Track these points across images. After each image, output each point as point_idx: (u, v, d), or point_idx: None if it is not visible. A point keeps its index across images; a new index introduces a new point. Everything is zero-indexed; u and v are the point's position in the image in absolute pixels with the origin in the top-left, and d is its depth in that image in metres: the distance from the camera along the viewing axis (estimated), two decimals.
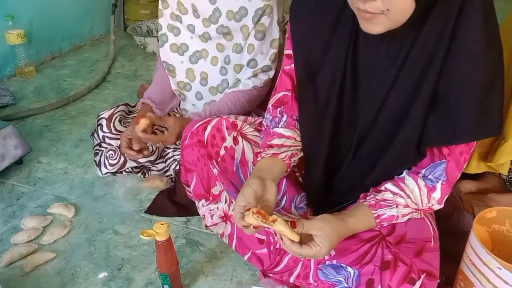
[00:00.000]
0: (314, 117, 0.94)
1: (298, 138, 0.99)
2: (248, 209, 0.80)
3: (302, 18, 0.91)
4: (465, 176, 1.30)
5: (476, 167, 1.27)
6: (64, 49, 2.76)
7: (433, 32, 0.77)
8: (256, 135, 1.08)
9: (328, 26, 0.87)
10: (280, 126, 0.99)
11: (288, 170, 0.97)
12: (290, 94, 0.99)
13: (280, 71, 1.00)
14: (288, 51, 0.96)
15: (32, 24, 2.46)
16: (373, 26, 0.74)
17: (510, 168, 1.22)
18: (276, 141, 0.96)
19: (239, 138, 1.07)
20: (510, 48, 1.17)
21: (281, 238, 0.81)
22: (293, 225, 0.80)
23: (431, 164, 0.87)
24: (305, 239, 0.82)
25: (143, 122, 1.28)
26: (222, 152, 1.06)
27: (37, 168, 1.59)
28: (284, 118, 0.99)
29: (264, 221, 0.79)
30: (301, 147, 1.00)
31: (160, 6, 1.44)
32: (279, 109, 1.00)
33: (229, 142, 1.06)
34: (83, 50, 2.83)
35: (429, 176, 0.88)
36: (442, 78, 0.79)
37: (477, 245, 0.88)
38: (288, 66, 0.97)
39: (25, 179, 1.53)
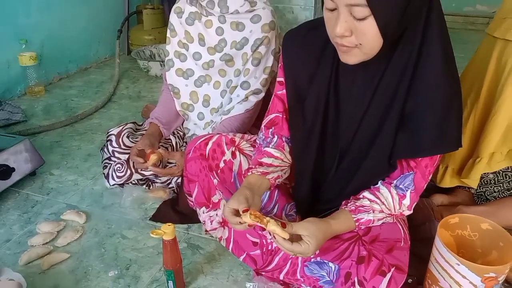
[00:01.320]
0: (303, 136, 1.09)
1: (285, 159, 1.13)
2: (246, 210, 0.94)
3: (292, 52, 1.08)
4: (438, 190, 1.46)
5: (450, 182, 1.43)
6: (71, 71, 2.93)
7: (400, 62, 0.92)
8: (251, 151, 1.23)
9: (314, 58, 1.03)
10: (270, 146, 1.13)
11: (271, 188, 1.11)
12: (281, 116, 1.14)
13: (273, 95, 1.17)
14: (280, 79, 1.12)
15: (43, 47, 2.63)
16: (350, 58, 0.91)
17: (479, 184, 1.37)
18: (265, 160, 1.10)
19: (237, 153, 1.22)
20: (481, 76, 1.36)
21: (274, 237, 0.94)
22: (283, 226, 0.94)
23: (401, 175, 1.02)
24: (296, 239, 0.95)
25: (153, 158, 1.43)
26: (222, 164, 1.20)
27: (50, 179, 1.72)
28: (275, 139, 1.14)
29: (258, 221, 0.94)
30: (287, 167, 1.14)
31: (168, 34, 1.61)
32: (270, 130, 1.15)
33: (228, 156, 1.21)
34: (89, 72, 3.00)
35: (400, 186, 1.03)
36: (408, 101, 0.94)
37: (440, 246, 1.03)
38: (280, 91, 1.13)
39: (39, 189, 1.66)
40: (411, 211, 1.05)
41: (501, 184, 1.33)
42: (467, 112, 1.40)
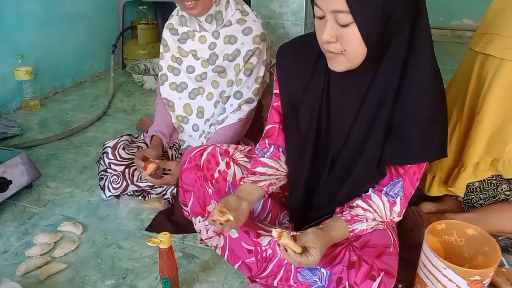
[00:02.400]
0: (297, 145, 1.13)
1: (281, 168, 1.17)
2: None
3: (285, 64, 1.13)
4: (426, 198, 1.50)
5: (437, 190, 1.48)
6: (66, 85, 2.96)
7: (387, 73, 0.97)
8: (245, 161, 1.27)
9: (307, 70, 1.08)
10: (266, 156, 1.18)
11: (266, 196, 1.16)
12: (277, 127, 1.18)
13: (270, 107, 1.21)
14: (276, 91, 1.17)
15: (38, 62, 2.67)
16: (336, 65, 0.96)
17: (465, 192, 1.42)
18: (259, 169, 1.15)
19: (231, 163, 1.26)
20: (465, 89, 1.41)
21: (285, 250, 0.97)
22: (295, 239, 0.97)
23: (391, 182, 1.07)
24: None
25: (151, 167, 1.47)
26: (216, 174, 1.24)
27: (46, 191, 1.75)
28: (271, 149, 1.19)
29: (221, 216, 0.98)
30: (282, 176, 1.18)
31: (161, 50, 1.66)
32: (267, 140, 1.20)
33: (222, 166, 1.25)
34: (84, 86, 3.03)
35: (390, 193, 1.07)
36: (395, 111, 0.99)
37: (427, 250, 1.07)
38: (276, 103, 1.17)
39: (35, 201, 1.68)
40: (401, 217, 1.10)
41: (486, 192, 1.38)
42: (453, 123, 1.45)
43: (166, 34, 1.63)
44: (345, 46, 0.91)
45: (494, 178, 1.36)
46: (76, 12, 2.94)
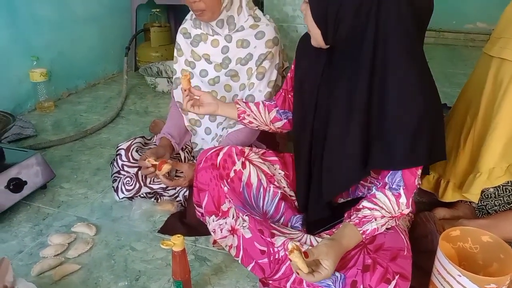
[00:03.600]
0: (302, 115, 1.23)
1: (263, 117, 1.38)
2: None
3: (300, 50, 1.27)
4: (440, 204, 1.49)
5: (452, 196, 1.47)
6: (80, 87, 3.00)
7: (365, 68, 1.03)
8: (260, 162, 1.29)
9: (312, 55, 1.19)
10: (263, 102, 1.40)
11: (239, 120, 1.38)
12: (283, 94, 1.37)
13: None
14: (292, 66, 1.30)
15: (53, 64, 2.70)
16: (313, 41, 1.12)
17: (480, 198, 1.40)
18: (251, 105, 1.39)
19: (247, 163, 1.28)
20: (479, 94, 1.40)
21: (297, 273, 0.98)
22: (306, 255, 0.96)
23: (391, 172, 1.08)
24: (313, 263, 0.98)
25: (166, 167, 1.46)
26: (232, 174, 1.26)
27: (60, 192, 1.77)
28: (272, 102, 1.39)
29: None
30: (259, 122, 1.39)
31: (175, 54, 1.67)
32: (274, 97, 1.41)
33: (238, 166, 1.27)
34: (97, 88, 3.06)
35: (393, 186, 1.08)
36: (373, 115, 1.04)
37: (442, 257, 1.06)
38: (289, 74, 1.34)
39: (50, 202, 1.70)
40: (410, 208, 1.10)
41: (501, 198, 1.37)
42: (467, 128, 1.44)
43: (179, 38, 1.64)
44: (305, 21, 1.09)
45: (510, 184, 1.35)
46: (89, 14, 2.98)
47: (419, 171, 1.08)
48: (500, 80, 1.33)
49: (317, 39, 1.10)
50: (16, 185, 1.57)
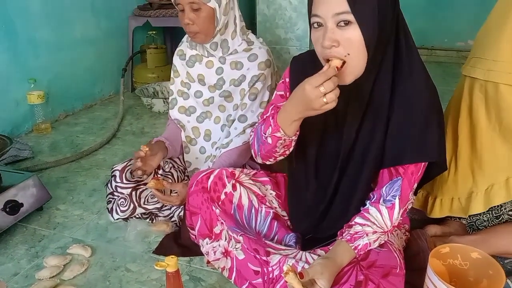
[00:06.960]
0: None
1: None
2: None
3: (296, 72, 1.20)
4: (431, 222, 1.51)
5: (439, 212, 1.48)
6: (76, 108, 3.02)
7: (383, 84, 1.06)
8: (251, 183, 1.31)
9: None
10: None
11: None
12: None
13: (269, 104, 1.28)
14: (281, 92, 1.24)
15: (50, 86, 2.74)
16: (345, 77, 1.01)
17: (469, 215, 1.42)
18: None
19: (237, 185, 1.30)
20: (457, 113, 1.43)
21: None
22: (301, 276, 0.98)
23: (390, 181, 1.10)
24: (308, 282, 1.00)
25: (152, 183, 1.48)
26: (223, 196, 1.28)
27: (56, 214, 1.78)
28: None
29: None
30: None
31: (172, 75, 1.72)
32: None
33: (228, 188, 1.29)
34: (94, 109, 3.10)
35: (388, 198, 1.10)
36: (392, 116, 1.07)
37: (432, 275, 1.07)
38: (280, 103, 1.21)
39: (46, 223, 1.71)
40: (402, 218, 1.14)
41: (490, 212, 1.38)
42: (450, 146, 1.46)
43: (176, 60, 1.69)
44: (348, 49, 0.97)
45: None
46: (87, 37, 3.02)
47: (415, 185, 1.11)
48: (471, 99, 1.37)
49: (357, 67, 1.00)
50: (12, 207, 1.58)
